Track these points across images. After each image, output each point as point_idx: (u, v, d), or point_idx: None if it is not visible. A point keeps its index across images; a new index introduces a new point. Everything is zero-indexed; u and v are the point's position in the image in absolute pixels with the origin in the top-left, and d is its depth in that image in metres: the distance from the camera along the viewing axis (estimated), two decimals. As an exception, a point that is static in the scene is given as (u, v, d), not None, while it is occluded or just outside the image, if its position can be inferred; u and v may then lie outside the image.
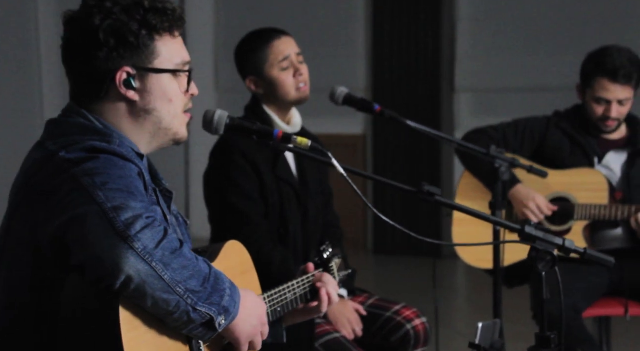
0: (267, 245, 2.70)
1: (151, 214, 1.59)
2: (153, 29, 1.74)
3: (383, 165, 6.86)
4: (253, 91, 2.87)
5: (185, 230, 1.88)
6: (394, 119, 2.56)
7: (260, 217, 2.74)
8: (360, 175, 1.88)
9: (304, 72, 2.84)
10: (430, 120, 6.49)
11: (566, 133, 3.29)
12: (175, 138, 1.81)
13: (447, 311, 5.16)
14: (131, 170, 1.64)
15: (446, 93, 6.67)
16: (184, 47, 1.82)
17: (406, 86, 6.71)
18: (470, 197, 3.30)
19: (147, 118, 1.76)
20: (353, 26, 7.03)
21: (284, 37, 2.87)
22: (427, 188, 1.86)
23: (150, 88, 1.75)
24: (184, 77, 1.80)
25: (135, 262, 1.53)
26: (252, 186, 2.72)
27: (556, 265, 1.80)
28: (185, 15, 1.80)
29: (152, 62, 1.75)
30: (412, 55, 6.69)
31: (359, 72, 7.00)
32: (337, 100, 2.66)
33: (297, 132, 2.86)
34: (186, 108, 1.82)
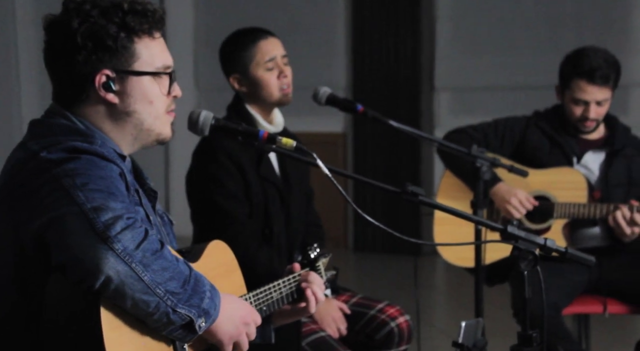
0: (253, 245, 2.71)
1: (132, 215, 1.59)
2: (132, 31, 1.74)
3: (363, 163, 6.87)
4: (236, 89, 2.88)
5: (170, 229, 1.89)
6: (377, 119, 2.58)
7: (245, 216, 2.75)
8: (344, 176, 1.90)
9: (288, 74, 2.85)
10: (410, 119, 6.51)
11: (545, 133, 3.32)
12: (159, 139, 1.82)
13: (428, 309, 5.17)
14: (112, 171, 1.65)
15: (426, 91, 6.68)
16: (165, 48, 1.83)
17: (386, 84, 6.71)
18: (452, 197, 3.33)
19: (127, 120, 1.77)
20: (333, 24, 7.02)
21: (271, 37, 2.88)
22: (410, 189, 1.88)
23: (130, 91, 1.76)
24: (165, 79, 1.80)
25: (115, 262, 1.54)
26: (236, 186, 2.73)
27: (538, 264, 1.83)
28: (165, 16, 1.81)
29: (131, 65, 1.76)
30: (392, 53, 6.69)
31: (339, 70, 7.00)
32: (320, 100, 2.67)
33: (279, 131, 2.87)
34: (169, 109, 1.83)
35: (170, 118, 1.83)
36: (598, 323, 3.77)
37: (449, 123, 6.65)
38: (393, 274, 6.17)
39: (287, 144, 1.83)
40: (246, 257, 2.59)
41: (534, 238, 1.86)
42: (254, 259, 2.67)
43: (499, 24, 6.41)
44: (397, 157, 6.69)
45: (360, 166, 6.87)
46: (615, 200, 3.20)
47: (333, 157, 6.94)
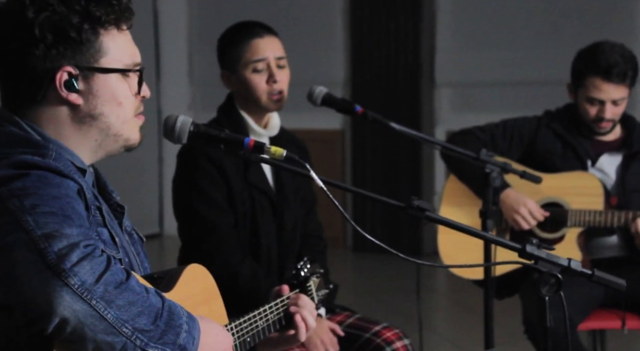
0: (234, 256, 2.50)
1: (90, 242, 1.37)
2: (97, 21, 1.53)
3: (362, 161, 6.71)
4: (226, 86, 2.67)
5: (141, 248, 1.68)
6: (377, 121, 2.36)
7: (228, 226, 2.53)
8: (341, 188, 1.68)
9: (281, 79, 2.60)
10: (411, 115, 6.40)
11: (557, 134, 3.10)
12: (127, 145, 1.60)
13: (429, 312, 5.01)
14: (69, 189, 1.42)
15: (426, 87, 6.51)
16: (133, 43, 1.61)
17: (386, 80, 6.55)
18: (457, 203, 3.11)
19: (92, 124, 1.55)
20: (331, 19, 6.86)
21: (268, 36, 2.64)
22: (416, 203, 1.67)
23: (96, 90, 1.54)
24: (134, 77, 1.58)
25: (71, 300, 1.31)
26: (218, 193, 2.52)
27: (561, 289, 1.63)
28: (131, 4, 1.59)
29: (97, 61, 1.54)
30: (392, 49, 6.53)
31: (338, 65, 6.83)
32: (316, 101, 2.45)
33: (274, 135, 2.65)
34: (137, 112, 1.61)
35: (139, 122, 1.61)
36: (616, 339, 3.57)
37: (450, 120, 6.54)
38: (393, 275, 6.00)
39: (276, 154, 1.61)
40: (226, 270, 2.39)
41: (557, 259, 1.65)
42: (235, 273, 2.46)
43: (501, 18, 6.26)
44: (397, 155, 6.51)
45: (359, 164, 6.71)
46: (633, 206, 2.98)
47: (331, 154, 6.79)
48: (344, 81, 6.79)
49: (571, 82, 3.09)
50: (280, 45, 2.64)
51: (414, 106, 6.46)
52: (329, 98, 2.44)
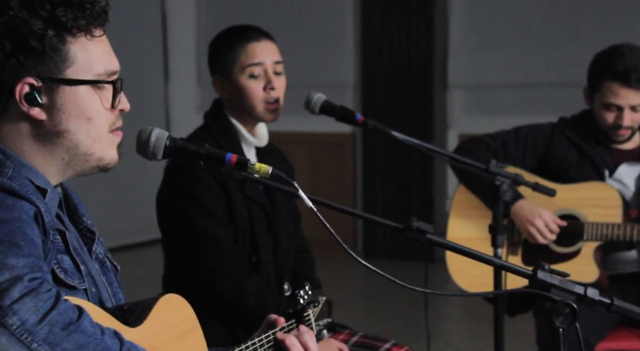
0: (240, 274, 2.33)
1: (37, 275, 1.21)
2: (63, 27, 1.38)
3: (372, 164, 6.57)
4: (218, 93, 2.51)
5: (114, 277, 1.53)
6: (379, 130, 2.21)
7: (230, 241, 2.36)
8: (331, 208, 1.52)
9: (278, 86, 2.45)
10: (423, 118, 6.29)
11: (573, 142, 2.93)
12: (101, 165, 1.45)
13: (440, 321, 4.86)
14: (22, 211, 1.28)
15: (439, 89, 6.37)
16: (109, 50, 1.46)
17: (397, 82, 6.42)
18: (466, 215, 2.95)
19: (57, 142, 1.41)
20: (341, 19, 6.73)
21: (264, 40, 2.47)
22: (416, 225, 1.52)
23: (62, 105, 1.39)
24: (108, 89, 1.43)
25: (7, 343, 1.16)
26: (219, 205, 2.34)
27: (577, 319, 1.48)
28: (109, 8, 1.43)
29: (63, 71, 1.39)
30: (403, 50, 6.39)
31: (348, 67, 6.70)
32: (314, 109, 2.30)
33: (264, 145, 2.50)
34: (114, 127, 1.46)
35: (116, 139, 1.46)
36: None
37: (463, 123, 6.40)
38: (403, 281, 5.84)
39: (260, 171, 1.46)
40: (233, 288, 2.23)
41: (572, 286, 1.50)
42: (243, 292, 2.29)
43: (515, 19, 6.12)
44: (408, 158, 6.36)
45: (369, 167, 6.58)
46: (654, 219, 2.82)
47: (342, 158, 6.68)
48: (354, 83, 6.67)
49: (587, 87, 2.93)
50: (277, 50, 2.49)
51: (426, 109, 6.33)
52: (327, 106, 2.29)
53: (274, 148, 2.59)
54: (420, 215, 6.41)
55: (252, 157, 2.49)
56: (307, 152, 6.77)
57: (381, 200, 6.51)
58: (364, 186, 6.58)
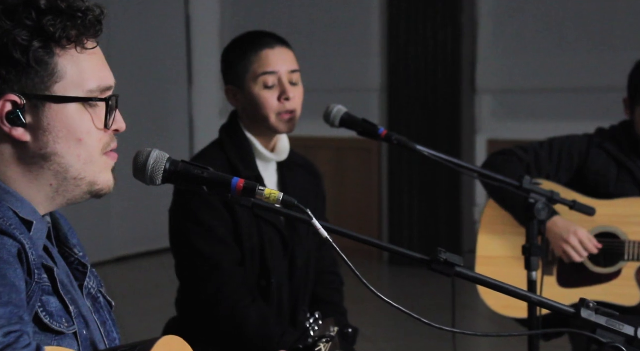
0: (242, 300, 2.19)
1: (15, 328, 1.08)
2: (51, 38, 1.24)
3: (399, 170, 6.43)
4: (232, 103, 2.37)
5: (109, 315, 1.38)
6: (402, 145, 2.05)
7: (234, 264, 2.22)
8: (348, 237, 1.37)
9: (294, 97, 2.28)
10: (450, 123, 6.16)
11: (611, 155, 2.75)
12: (93, 191, 1.31)
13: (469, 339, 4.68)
14: (3, 250, 1.14)
15: (467, 94, 6.22)
16: (104, 64, 1.32)
17: (424, 87, 6.28)
18: (497, 232, 2.77)
19: (44, 165, 1.27)
20: (367, 23, 6.60)
21: (280, 48, 2.30)
22: (443, 257, 1.36)
23: (49, 124, 1.26)
24: (101, 107, 1.29)
25: None
26: (222, 225, 2.20)
27: (625, 365, 1.32)
28: (104, 17, 1.29)
29: (50, 87, 1.25)
30: (430, 54, 6.25)
31: (373, 71, 6.57)
32: (333, 122, 2.15)
33: (283, 159, 2.35)
34: (108, 149, 1.32)
35: (110, 162, 1.32)
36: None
37: (492, 129, 6.25)
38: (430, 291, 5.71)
39: (271, 197, 1.31)
40: (233, 315, 2.08)
41: (620, 326, 1.35)
42: (243, 318, 2.15)
43: (546, 21, 5.96)
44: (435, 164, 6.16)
45: (396, 173, 6.44)
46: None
47: (367, 164, 6.55)
48: (380, 88, 6.55)
49: (627, 97, 2.75)
50: (294, 58, 2.32)
51: (453, 114, 6.18)
52: (348, 119, 2.13)
53: (302, 162, 2.44)
54: (448, 222, 6.30)
55: (272, 173, 2.35)
56: (332, 158, 6.64)
57: (407, 207, 6.37)
58: (390, 192, 6.45)
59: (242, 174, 2.22)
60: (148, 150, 1.35)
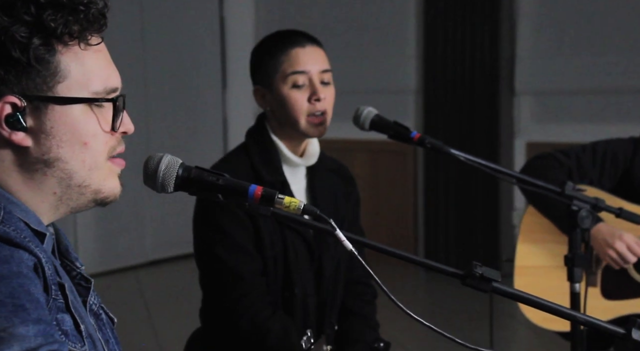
0: (263, 311, 2.09)
1: (53, 347, 0.98)
2: (52, 34, 1.15)
3: (435, 174, 6.31)
4: (260, 105, 2.27)
5: (111, 332, 1.29)
6: (437, 150, 1.94)
7: (255, 274, 2.12)
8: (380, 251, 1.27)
9: (325, 97, 2.17)
10: (488, 126, 6.04)
11: (659, 159, 2.62)
12: (98, 198, 1.22)
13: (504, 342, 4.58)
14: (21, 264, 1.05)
15: (505, 96, 6.08)
16: (109, 63, 1.22)
17: (461, 88, 6.15)
18: (537, 240, 2.65)
19: (47, 172, 1.18)
20: (403, 23, 6.50)
21: (310, 46, 2.20)
22: (479, 272, 1.24)
23: (52, 128, 1.17)
24: (108, 108, 1.20)
25: None
26: (243, 233, 2.11)
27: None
28: (107, 10, 1.20)
29: (52, 88, 1.16)
30: (468, 54, 6.12)
31: (410, 73, 6.45)
32: (363, 125, 2.05)
33: (312, 164, 2.25)
34: (114, 153, 1.23)
35: (116, 168, 1.23)
36: None
37: (532, 131, 6.10)
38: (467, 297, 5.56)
39: (290, 206, 1.21)
40: (254, 326, 1.98)
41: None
42: (264, 330, 2.05)
43: (588, 21, 5.81)
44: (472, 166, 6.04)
45: (432, 177, 6.32)
46: None
47: (402, 167, 6.45)
48: (416, 90, 6.43)
49: None
50: (325, 58, 2.22)
51: (491, 116, 6.05)
52: (378, 122, 2.03)
53: (333, 166, 2.33)
54: (485, 226, 6.15)
55: (301, 179, 2.25)
56: (367, 160, 6.54)
57: (443, 211, 6.25)
58: (426, 196, 6.33)
59: (265, 180, 2.14)
60: (159, 155, 1.26)
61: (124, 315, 5.56)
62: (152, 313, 5.13)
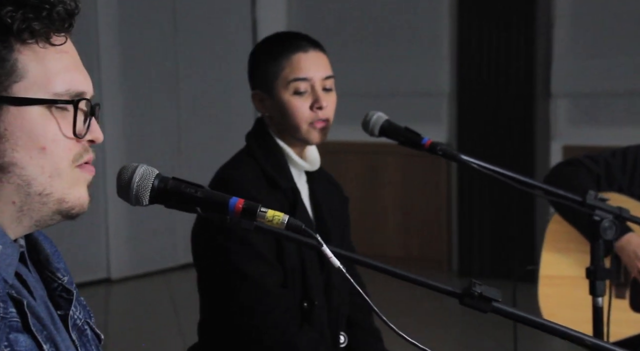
0: (291, 325, 1.99)
1: None
2: (9, 31, 1.08)
3: (469, 177, 6.19)
4: (258, 109, 2.18)
5: (95, 348, 1.22)
6: (448, 157, 1.85)
7: (279, 287, 2.02)
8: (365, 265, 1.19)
9: (327, 105, 2.09)
10: (523, 129, 5.93)
11: (692, 165, 2.49)
12: (63, 209, 1.14)
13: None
14: None
15: (541, 98, 5.96)
16: (76, 65, 1.15)
17: (495, 91, 6.04)
18: (562, 249, 2.54)
19: (3, 179, 1.11)
20: (436, 24, 6.39)
21: (313, 51, 2.11)
22: (478, 290, 1.15)
23: (5, 130, 1.10)
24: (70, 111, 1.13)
25: None
26: (265, 244, 2.01)
27: None
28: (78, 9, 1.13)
29: (8, 88, 1.10)
30: (503, 56, 6.01)
31: (443, 74, 6.34)
32: (372, 130, 1.97)
33: (314, 170, 2.17)
34: (80, 161, 1.15)
35: (84, 176, 1.15)
36: None
37: (568, 134, 5.96)
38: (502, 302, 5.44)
39: (274, 220, 1.13)
40: (284, 340, 1.88)
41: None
42: (295, 344, 1.95)
43: (626, 21, 5.68)
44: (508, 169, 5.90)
45: (465, 180, 6.21)
46: None
47: (436, 172, 6.32)
48: (449, 92, 6.32)
49: None
50: (328, 63, 2.13)
51: (527, 119, 5.93)
52: (389, 127, 1.94)
53: (329, 177, 2.27)
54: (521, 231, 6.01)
55: (303, 184, 2.17)
56: (399, 164, 6.44)
57: (478, 215, 6.12)
58: (459, 201, 6.22)
59: (281, 186, 2.06)
60: (134, 165, 1.18)
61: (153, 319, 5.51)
62: (180, 317, 5.10)
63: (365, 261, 1.18)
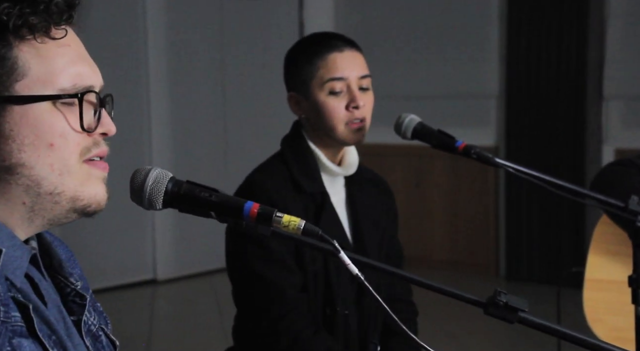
0: (306, 329, 1.96)
1: None
2: (6, 29, 1.06)
3: (518, 180, 6.06)
4: (294, 112, 2.16)
5: None
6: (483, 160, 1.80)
7: (297, 290, 2.00)
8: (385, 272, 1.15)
9: (364, 104, 2.05)
10: (574, 132, 5.81)
11: None
12: (78, 207, 1.11)
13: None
14: None
15: (593, 100, 5.83)
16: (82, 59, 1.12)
17: (546, 93, 5.93)
18: (609, 252, 2.46)
19: (11, 180, 1.08)
20: (486, 26, 6.31)
21: (349, 50, 2.08)
22: (503, 300, 1.11)
23: (11, 131, 1.07)
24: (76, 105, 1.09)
25: None
26: (284, 247, 1.98)
27: None
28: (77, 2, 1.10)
29: (10, 87, 1.07)
30: (553, 58, 5.90)
31: (492, 76, 6.26)
32: (405, 133, 1.92)
33: (351, 174, 2.13)
34: (89, 155, 1.12)
35: (96, 172, 1.12)
36: None
37: (621, 137, 5.83)
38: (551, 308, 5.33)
39: (290, 225, 1.10)
40: (296, 346, 1.86)
41: None
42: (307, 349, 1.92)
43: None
44: (557, 170, 5.82)
45: (514, 185, 6.08)
46: None
47: (483, 175, 6.22)
48: (498, 95, 6.24)
49: None
50: (364, 62, 2.09)
51: (578, 122, 5.81)
52: (421, 130, 1.89)
53: (371, 176, 2.22)
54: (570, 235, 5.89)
55: (340, 189, 2.14)
56: (446, 167, 6.37)
57: (526, 218, 6.02)
58: (507, 205, 6.12)
59: (305, 191, 2.03)
60: (147, 168, 1.15)
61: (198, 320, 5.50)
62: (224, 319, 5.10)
63: (384, 268, 1.14)
